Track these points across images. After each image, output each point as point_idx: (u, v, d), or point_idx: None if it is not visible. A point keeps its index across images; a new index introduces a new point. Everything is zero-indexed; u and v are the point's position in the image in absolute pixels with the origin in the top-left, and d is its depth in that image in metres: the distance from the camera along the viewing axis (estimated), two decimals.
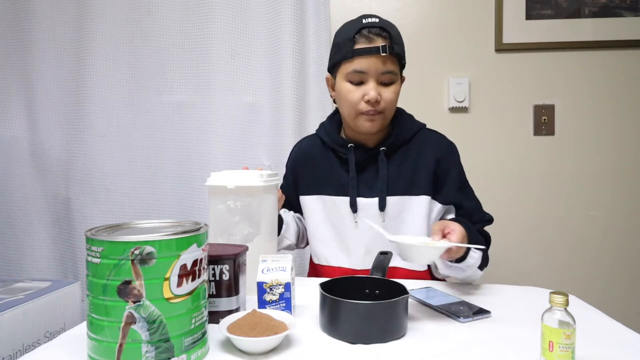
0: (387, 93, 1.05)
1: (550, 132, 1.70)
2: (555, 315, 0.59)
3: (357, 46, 1.03)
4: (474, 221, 1.08)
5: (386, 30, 1.03)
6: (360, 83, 1.05)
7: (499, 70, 1.71)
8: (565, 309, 0.59)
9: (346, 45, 1.04)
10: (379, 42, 1.02)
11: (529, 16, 1.68)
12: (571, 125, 1.70)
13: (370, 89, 1.03)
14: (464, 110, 1.72)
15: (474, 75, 1.71)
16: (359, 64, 1.03)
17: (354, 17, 1.08)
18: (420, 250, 0.82)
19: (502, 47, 1.69)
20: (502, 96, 1.71)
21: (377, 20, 1.04)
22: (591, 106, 1.70)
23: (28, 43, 1.72)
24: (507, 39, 1.69)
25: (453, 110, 1.72)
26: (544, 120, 1.70)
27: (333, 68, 1.11)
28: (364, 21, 1.04)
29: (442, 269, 1.00)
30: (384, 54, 1.01)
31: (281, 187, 1.28)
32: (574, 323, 0.58)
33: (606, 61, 1.68)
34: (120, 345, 0.58)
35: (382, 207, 1.09)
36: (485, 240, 1.09)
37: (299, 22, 1.62)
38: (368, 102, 1.03)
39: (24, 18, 1.73)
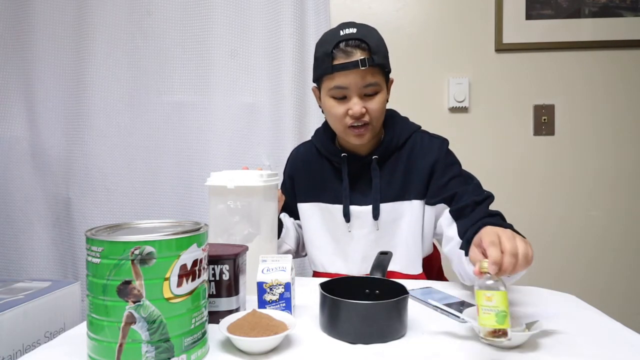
0: (372, 104, 1.03)
1: (550, 132, 1.70)
2: (484, 281, 0.62)
3: (336, 62, 1.00)
4: (475, 201, 0.99)
5: (364, 41, 0.99)
6: (343, 98, 1.03)
7: (498, 70, 1.71)
8: (499, 278, 0.62)
9: (325, 60, 1.01)
10: (358, 56, 0.98)
11: (528, 16, 1.68)
12: (571, 125, 1.70)
13: (354, 104, 1.01)
14: (464, 110, 1.72)
15: (474, 75, 1.71)
16: (339, 80, 1.01)
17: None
18: (516, 338, 0.69)
19: (502, 47, 1.69)
20: (502, 96, 1.71)
21: (354, 30, 1.00)
22: (591, 106, 1.70)
23: (28, 43, 1.72)
24: (507, 39, 1.69)
25: (453, 110, 1.72)
26: (544, 120, 1.70)
27: (316, 81, 1.10)
28: (341, 33, 1.01)
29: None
30: (363, 68, 0.98)
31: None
32: (505, 288, 0.60)
33: (606, 61, 1.68)
34: (120, 345, 0.58)
35: (375, 215, 1.09)
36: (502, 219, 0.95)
37: (299, 22, 1.62)
38: (352, 116, 1.02)
39: (24, 18, 1.73)
